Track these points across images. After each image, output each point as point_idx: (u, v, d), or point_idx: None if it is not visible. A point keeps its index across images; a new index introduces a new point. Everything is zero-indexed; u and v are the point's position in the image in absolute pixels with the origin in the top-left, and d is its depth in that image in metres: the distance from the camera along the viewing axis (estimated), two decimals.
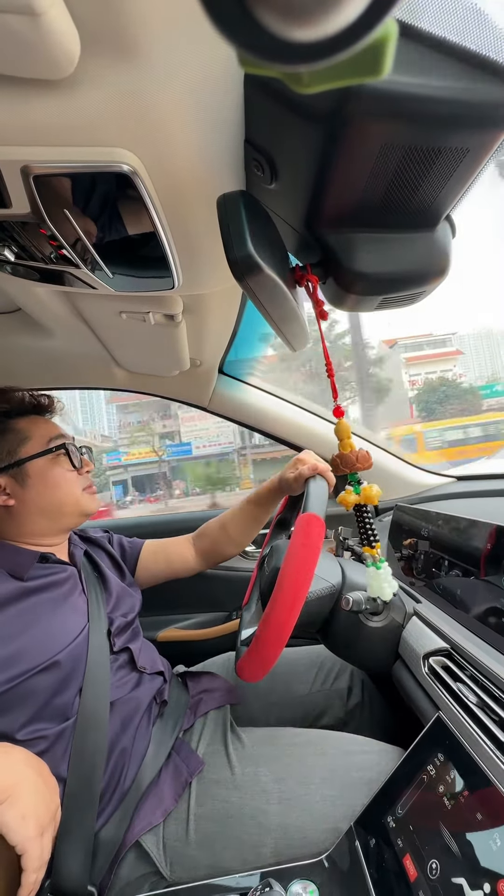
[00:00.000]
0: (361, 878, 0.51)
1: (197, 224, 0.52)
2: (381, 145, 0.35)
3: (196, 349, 0.98)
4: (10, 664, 0.59)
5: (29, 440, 0.76)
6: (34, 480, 0.75)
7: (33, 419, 0.79)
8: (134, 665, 0.75)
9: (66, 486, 0.77)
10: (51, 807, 0.51)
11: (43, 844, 0.48)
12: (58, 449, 0.77)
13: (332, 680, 0.92)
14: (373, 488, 0.44)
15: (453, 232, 0.48)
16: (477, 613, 0.66)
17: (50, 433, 0.79)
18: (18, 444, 0.75)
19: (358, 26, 0.12)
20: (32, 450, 0.75)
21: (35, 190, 0.43)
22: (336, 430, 0.45)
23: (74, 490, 0.78)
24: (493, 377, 50.31)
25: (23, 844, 0.46)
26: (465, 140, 0.35)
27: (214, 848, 0.60)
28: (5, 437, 0.75)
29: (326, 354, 0.47)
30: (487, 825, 0.42)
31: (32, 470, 0.75)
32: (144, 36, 0.32)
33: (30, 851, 0.46)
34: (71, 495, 0.77)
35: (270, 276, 0.40)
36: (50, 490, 0.75)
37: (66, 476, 0.78)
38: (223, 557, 1.01)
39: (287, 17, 0.12)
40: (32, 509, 0.75)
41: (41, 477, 0.75)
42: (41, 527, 0.76)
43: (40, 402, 0.82)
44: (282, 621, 0.58)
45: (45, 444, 0.77)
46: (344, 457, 0.44)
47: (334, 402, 0.45)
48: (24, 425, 0.77)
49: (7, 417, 0.77)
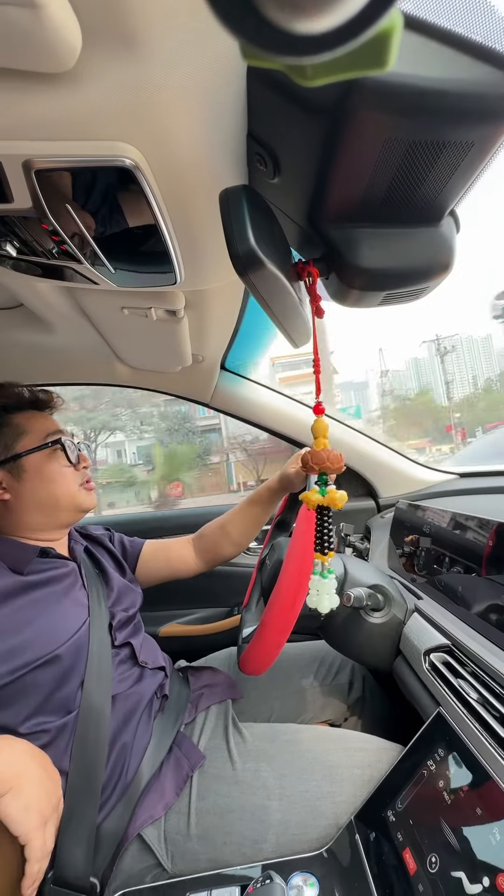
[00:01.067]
0: (361, 871, 0.51)
1: (199, 219, 0.51)
2: (385, 139, 0.34)
3: (198, 345, 0.97)
4: (12, 657, 0.59)
5: (26, 435, 0.76)
6: (30, 475, 0.75)
7: (31, 414, 0.79)
8: (135, 660, 0.75)
9: (61, 481, 0.77)
10: (53, 798, 0.52)
11: (46, 835, 0.49)
12: (54, 444, 0.77)
13: (333, 675, 0.93)
14: (338, 493, 0.44)
15: (457, 227, 0.47)
16: (478, 610, 0.66)
17: (47, 428, 0.79)
18: (15, 438, 0.75)
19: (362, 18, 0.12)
20: (29, 444, 0.75)
21: (37, 184, 0.43)
22: (313, 427, 0.44)
23: (70, 485, 0.78)
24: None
25: (26, 835, 0.47)
26: (470, 134, 0.34)
27: (215, 842, 0.60)
28: (2, 432, 0.75)
29: (316, 351, 0.47)
30: (487, 819, 0.42)
31: (28, 465, 0.75)
32: (146, 29, 0.31)
33: (33, 842, 0.47)
34: (67, 490, 0.77)
35: (273, 272, 0.39)
36: (46, 485, 0.75)
37: (63, 471, 0.78)
38: (223, 558, 1.01)
39: (290, 9, 0.12)
40: (29, 504, 0.75)
41: (37, 472, 0.75)
42: (38, 522, 0.76)
43: (39, 397, 0.82)
44: (286, 607, 0.58)
45: (41, 439, 0.77)
46: (315, 454, 0.43)
47: (316, 399, 0.45)
48: (21, 420, 0.77)
49: (5, 412, 0.77)
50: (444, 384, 41.22)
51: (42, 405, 0.83)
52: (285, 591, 0.59)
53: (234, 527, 0.99)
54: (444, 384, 41.22)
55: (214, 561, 1.01)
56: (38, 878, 0.48)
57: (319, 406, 0.45)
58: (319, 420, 0.44)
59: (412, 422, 35.47)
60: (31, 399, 0.81)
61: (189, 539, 1.03)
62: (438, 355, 39.40)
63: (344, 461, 0.45)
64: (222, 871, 0.57)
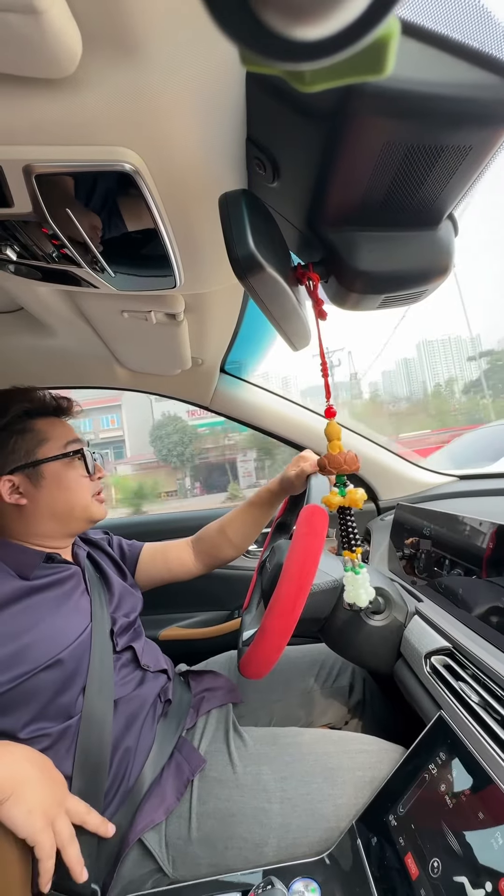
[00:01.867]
0: (363, 876, 0.51)
1: (199, 223, 0.52)
2: (384, 143, 0.35)
3: (198, 348, 0.98)
4: (14, 662, 0.59)
5: (47, 442, 0.76)
6: (48, 482, 0.75)
7: (52, 421, 0.79)
8: (137, 663, 0.75)
9: (78, 490, 0.77)
10: (57, 795, 0.52)
11: (56, 831, 0.50)
12: (75, 453, 0.77)
13: (334, 678, 0.92)
14: (357, 492, 0.44)
15: (456, 230, 0.47)
16: (479, 612, 0.66)
17: (67, 436, 0.78)
18: (37, 444, 0.75)
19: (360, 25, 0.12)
20: (50, 452, 0.75)
21: (37, 189, 0.43)
22: (326, 430, 0.45)
23: (85, 495, 0.78)
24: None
25: (32, 837, 0.48)
26: (468, 138, 0.35)
27: (216, 846, 0.60)
28: (24, 437, 0.74)
29: (322, 354, 0.47)
30: (489, 824, 0.42)
31: (48, 472, 0.75)
32: (146, 34, 0.32)
33: (40, 843, 0.48)
34: (82, 500, 0.77)
35: (272, 275, 0.40)
36: (63, 493, 0.75)
37: (80, 481, 0.78)
38: (222, 561, 1.01)
39: (289, 15, 0.12)
40: (43, 511, 0.75)
41: (55, 479, 0.75)
42: (49, 529, 0.76)
43: (61, 404, 0.82)
44: (287, 610, 0.58)
45: (62, 447, 0.77)
46: (332, 458, 0.44)
47: (326, 402, 0.45)
48: (43, 426, 0.77)
49: (28, 417, 0.76)
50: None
51: (63, 412, 0.83)
52: (286, 594, 0.59)
53: (234, 529, 0.99)
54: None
55: (213, 564, 1.01)
56: (51, 872, 0.49)
57: (331, 409, 0.45)
58: (332, 423, 0.44)
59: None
60: (54, 405, 0.81)
61: (188, 541, 1.03)
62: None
63: (359, 462, 0.45)
64: (223, 877, 0.56)
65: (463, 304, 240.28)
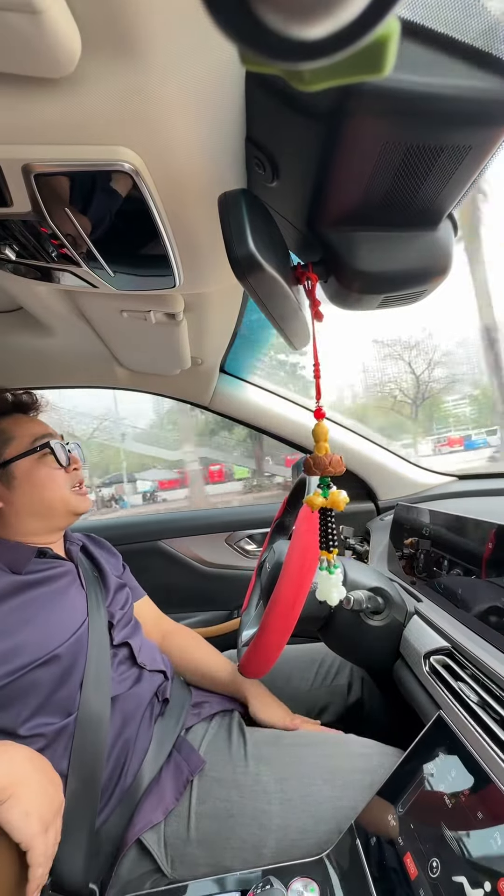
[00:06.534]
0: (362, 876, 0.51)
1: (198, 222, 0.52)
2: (383, 143, 0.34)
3: (197, 348, 0.98)
4: (11, 658, 0.59)
5: (13, 440, 0.75)
6: (20, 481, 0.74)
7: (16, 418, 0.78)
8: (134, 660, 0.75)
9: (52, 485, 0.76)
10: (54, 802, 0.52)
11: (48, 840, 0.49)
12: (42, 448, 0.76)
13: (332, 677, 0.93)
14: (339, 494, 0.44)
15: (455, 231, 0.47)
16: (478, 612, 0.66)
17: (35, 432, 0.77)
18: (2, 445, 0.74)
19: (360, 24, 0.12)
20: (16, 450, 0.74)
21: (36, 188, 0.43)
22: (314, 431, 0.45)
23: (62, 489, 0.77)
24: None
25: (27, 841, 0.47)
26: (468, 138, 0.35)
27: (215, 847, 0.60)
28: None
29: (316, 355, 0.47)
30: (488, 824, 0.42)
31: (18, 471, 0.74)
32: (145, 34, 0.32)
33: (35, 848, 0.47)
34: (59, 495, 0.77)
35: (272, 275, 0.40)
36: (37, 490, 0.75)
37: (53, 475, 0.77)
38: None
39: (288, 14, 0.12)
40: (22, 511, 0.74)
41: (27, 477, 0.74)
42: (33, 527, 0.76)
43: (22, 400, 0.81)
44: (286, 610, 0.58)
45: (29, 443, 0.76)
46: (317, 459, 0.44)
47: (316, 404, 0.45)
48: (6, 425, 0.76)
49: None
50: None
51: (26, 408, 0.82)
52: (285, 593, 0.59)
53: (185, 666, 0.90)
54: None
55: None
56: (42, 881, 0.48)
57: (320, 410, 0.45)
58: (320, 424, 0.45)
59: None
60: (15, 402, 0.80)
61: (163, 630, 0.95)
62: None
63: (344, 465, 0.45)
64: (222, 877, 0.56)
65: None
